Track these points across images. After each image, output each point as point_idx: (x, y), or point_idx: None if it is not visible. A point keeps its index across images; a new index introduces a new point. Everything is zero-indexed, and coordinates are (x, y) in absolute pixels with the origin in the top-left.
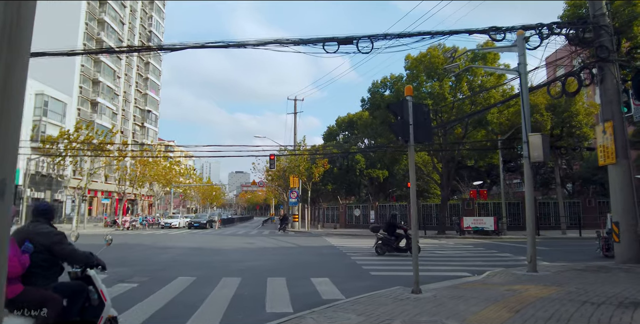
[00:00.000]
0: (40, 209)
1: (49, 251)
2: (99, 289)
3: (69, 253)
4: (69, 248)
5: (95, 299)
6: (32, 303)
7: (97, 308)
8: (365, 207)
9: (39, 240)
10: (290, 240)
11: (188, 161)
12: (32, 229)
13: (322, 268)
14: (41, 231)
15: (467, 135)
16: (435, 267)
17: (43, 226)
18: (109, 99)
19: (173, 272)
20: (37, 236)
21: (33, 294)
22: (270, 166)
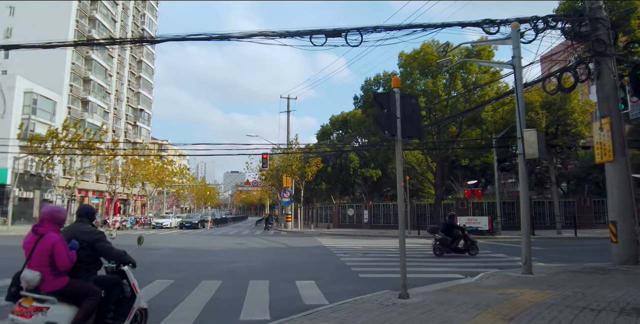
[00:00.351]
0: (85, 211)
1: (92, 247)
2: (131, 283)
3: (107, 249)
4: (108, 245)
5: (128, 291)
6: (76, 294)
7: (129, 300)
8: (358, 207)
9: (84, 238)
10: (281, 240)
11: (182, 160)
12: (77, 229)
13: (309, 270)
14: (85, 230)
15: (462, 134)
16: (427, 268)
17: (86, 226)
18: (100, 97)
19: (153, 274)
20: (82, 234)
21: (77, 285)
22: (263, 165)
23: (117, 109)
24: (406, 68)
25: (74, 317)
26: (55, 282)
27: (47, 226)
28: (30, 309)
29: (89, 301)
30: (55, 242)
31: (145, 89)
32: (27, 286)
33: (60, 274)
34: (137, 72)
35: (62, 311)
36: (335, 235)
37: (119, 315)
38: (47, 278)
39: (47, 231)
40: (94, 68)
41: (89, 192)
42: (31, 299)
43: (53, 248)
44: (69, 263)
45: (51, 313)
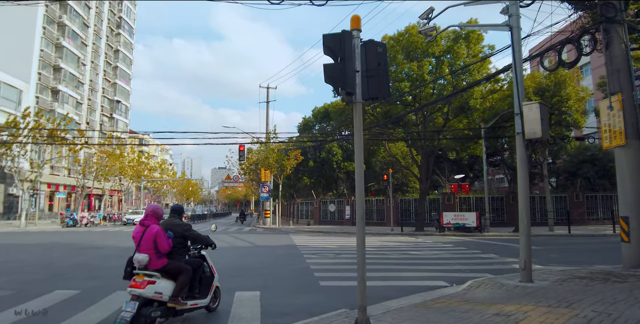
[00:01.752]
0: (175, 208)
1: (183, 236)
2: (210, 265)
3: (197, 236)
4: (196, 233)
5: (208, 271)
6: (173, 271)
7: (210, 278)
8: (340, 203)
9: (176, 229)
10: (251, 238)
11: (164, 155)
12: (171, 222)
13: (263, 275)
14: (177, 223)
15: (448, 124)
16: (406, 273)
17: (177, 220)
18: (72, 87)
19: (59, 282)
20: (174, 226)
21: (174, 264)
22: (240, 158)
23: (91, 99)
24: (389, 51)
25: (174, 288)
26: (159, 262)
27: (150, 219)
28: (144, 282)
29: (183, 276)
30: (157, 231)
31: (123, 80)
32: (139, 265)
33: (161, 256)
34: (113, 62)
35: (166, 284)
36: (312, 232)
37: (203, 291)
38: (152, 259)
39: (150, 223)
40: (65, 56)
41: (60, 187)
42: (142, 276)
43: (156, 235)
44: (167, 247)
45: (158, 285)
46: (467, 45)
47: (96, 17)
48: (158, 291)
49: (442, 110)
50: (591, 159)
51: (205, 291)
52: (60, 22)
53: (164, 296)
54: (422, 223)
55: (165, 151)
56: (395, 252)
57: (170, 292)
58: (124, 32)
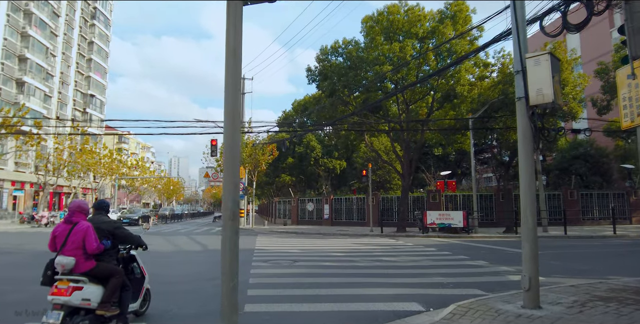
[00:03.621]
0: (99, 204)
1: (112, 235)
2: (140, 266)
3: (128, 235)
4: (127, 232)
5: (138, 273)
6: (103, 274)
7: (140, 280)
8: (319, 201)
9: (104, 227)
10: (209, 241)
11: (146, 152)
12: (98, 219)
13: (174, 294)
14: (104, 220)
15: (433, 116)
16: (371, 290)
17: (104, 217)
18: (40, 79)
19: None
20: (102, 224)
21: (104, 267)
22: (212, 153)
23: (62, 93)
24: (368, 32)
25: (103, 294)
26: (86, 264)
27: (77, 216)
28: (69, 289)
29: (114, 279)
30: (88, 228)
31: (98, 73)
32: (63, 270)
33: (89, 258)
34: (87, 55)
35: (94, 289)
36: (284, 233)
37: (133, 294)
38: (79, 261)
39: (79, 220)
40: (32, 46)
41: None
42: (67, 281)
43: (86, 233)
44: (95, 246)
45: (86, 291)
46: (454, 26)
47: (68, 6)
48: (86, 298)
49: (426, 100)
50: (583, 155)
51: (134, 294)
52: (27, 9)
53: (92, 303)
54: (404, 223)
55: (146, 148)
56: (366, 258)
57: (100, 298)
58: (99, 23)
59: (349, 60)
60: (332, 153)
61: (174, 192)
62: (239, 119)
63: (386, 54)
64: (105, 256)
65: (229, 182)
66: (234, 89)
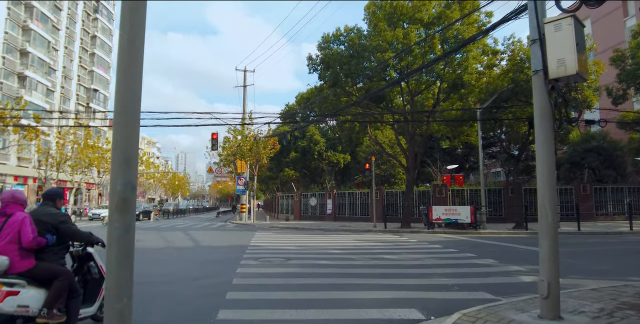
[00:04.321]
0: (47, 194)
1: (56, 229)
2: (98, 265)
3: (73, 232)
4: (73, 227)
5: (96, 273)
6: (45, 276)
7: (98, 281)
8: (322, 196)
9: (47, 220)
10: (205, 237)
11: (151, 148)
12: (41, 211)
13: (145, 298)
14: (49, 212)
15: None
16: (366, 293)
17: (50, 209)
18: (43, 73)
19: None
20: (44, 216)
21: (45, 267)
22: (212, 147)
23: (64, 87)
24: (371, 18)
25: (45, 299)
26: (22, 263)
27: (12, 207)
28: (1, 293)
29: (58, 282)
30: (24, 219)
31: (101, 68)
32: None
33: (27, 256)
34: (90, 49)
35: (33, 293)
36: (284, 229)
37: (89, 297)
38: (14, 260)
39: (15, 211)
40: (34, 40)
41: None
42: (1, 284)
43: (21, 225)
44: (32, 238)
45: (22, 297)
46: (462, 11)
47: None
48: (23, 304)
49: (432, 90)
50: (596, 148)
51: (91, 297)
52: (28, 3)
53: (31, 310)
54: (408, 218)
55: (152, 144)
56: (365, 256)
57: (41, 304)
58: (102, 17)
59: (351, 48)
60: (336, 147)
61: (179, 188)
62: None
63: (389, 40)
64: (48, 254)
65: (118, 155)
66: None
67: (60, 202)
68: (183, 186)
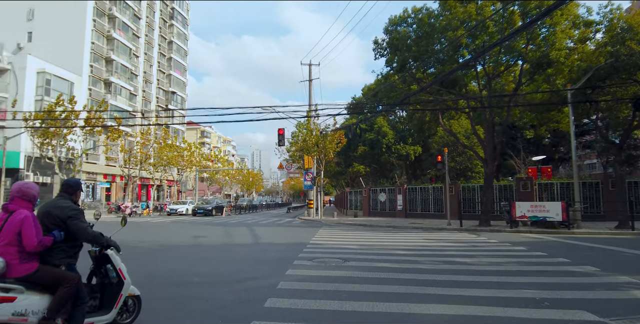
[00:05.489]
0: (64, 184)
1: (65, 224)
2: (117, 268)
3: (80, 229)
4: (81, 225)
5: (114, 277)
6: (47, 281)
7: (116, 286)
8: (392, 191)
9: (56, 213)
10: (268, 233)
11: (227, 146)
12: (52, 203)
13: (172, 304)
14: (60, 205)
15: (521, 91)
16: (430, 303)
17: (64, 201)
18: (126, 79)
19: None
20: (54, 209)
21: (47, 272)
22: (279, 142)
23: (145, 91)
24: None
25: (48, 306)
26: (22, 267)
27: (17, 203)
28: None
29: (63, 288)
30: (24, 218)
31: (178, 71)
32: None
33: (28, 259)
34: (167, 53)
35: (32, 300)
36: (350, 226)
37: (106, 303)
38: (12, 263)
39: (17, 208)
40: (117, 48)
41: (117, 178)
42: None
43: (22, 224)
44: (36, 242)
45: (19, 303)
46: None
47: (148, 8)
48: (19, 312)
49: (512, 72)
50: None
51: (108, 303)
52: (111, 14)
53: (29, 319)
54: (487, 216)
55: (227, 142)
56: (434, 259)
57: (42, 312)
58: (177, 23)
59: (419, 29)
60: (406, 139)
61: (254, 184)
62: None
63: (461, 18)
64: (56, 252)
65: None
66: None
67: (78, 195)
68: (257, 183)
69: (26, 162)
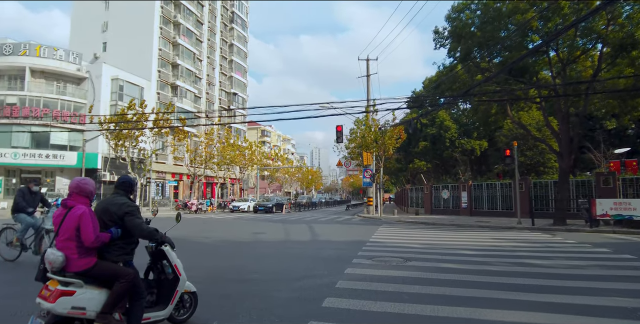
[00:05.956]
0: (119, 181)
1: (122, 220)
2: (172, 264)
3: (136, 225)
4: (137, 221)
5: (169, 273)
6: (104, 276)
7: (172, 282)
8: (455, 188)
9: (113, 209)
10: (325, 230)
11: (287, 144)
12: (109, 200)
13: (231, 301)
14: (116, 202)
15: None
16: (505, 309)
17: (120, 198)
18: (190, 82)
19: None
20: (111, 206)
21: (105, 268)
22: (337, 139)
23: (209, 93)
24: None
25: (105, 301)
26: (81, 261)
27: (75, 198)
28: (54, 293)
29: (119, 283)
30: (82, 213)
31: (238, 73)
32: (51, 267)
33: (86, 254)
34: (228, 56)
35: (91, 294)
36: (411, 223)
37: (162, 299)
38: (72, 257)
39: (75, 204)
40: (182, 53)
41: (184, 176)
42: (56, 282)
43: (80, 219)
44: (92, 237)
45: (78, 297)
46: None
47: (209, 13)
48: (78, 306)
49: (590, 57)
50: None
51: (165, 299)
52: (175, 21)
53: (88, 313)
54: (563, 214)
55: (287, 141)
56: (505, 260)
57: (99, 306)
58: (237, 26)
59: (484, 15)
60: (471, 133)
61: (313, 182)
62: None
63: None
64: (114, 249)
65: None
66: None
67: (133, 192)
68: (316, 180)
69: (103, 163)
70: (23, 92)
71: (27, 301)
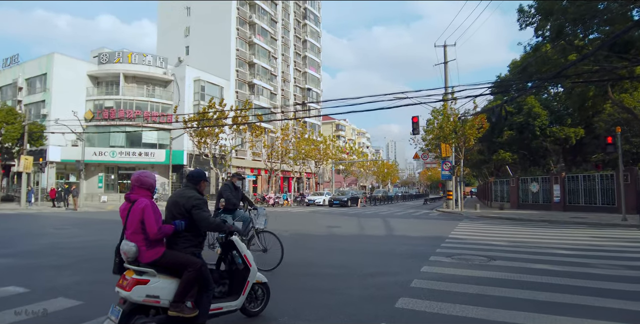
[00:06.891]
0: (188, 175)
1: (189, 213)
2: (242, 254)
3: (203, 218)
4: (204, 214)
5: (240, 263)
6: (173, 265)
7: (243, 272)
8: (546, 180)
9: (181, 202)
10: (402, 225)
11: (362, 138)
12: (179, 193)
13: (301, 295)
14: (185, 195)
15: None
16: (609, 321)
17: (189, 191)
18: (266, 80)
19: None
20: (180, 198)
21: (172, 256)
22: (413, 131)
23: (284, 90)
24: None
25: (176, 290)
26: (150, 252)
27: (137, 192)
28: (130, 282)
29: (187, 273)
30: (144, 206)
31: (312, 68)
32: (126, 258)
33: (154, 245)
34: (302, 52)
35: (163, 284)
36: (495, 219)
37: (234, 289)
38: (141, 249)
39: (138, 197)
40: (257, 52)
41: (261, 171)
42: (132, 272)
43: (143, 212)
44: (156, 229)
45: (152, 286)
46: None
47: (283, 11)
48: (152, 294)
49: None
50: None
51: (237, 289)
52: (251, 21)
53: (162, 301)
54: None
55: (362, 134)
56: (609, 261)
57: (171, 295)
58: (310, 22)
59: None
60: (564, 120)
61: (389, 175)
62: None
63: None
64: (181, 241)
65: None
66: None
67: (203, 185)
68: (392, 174)
69: (188, 159)
70: (118, 96)
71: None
